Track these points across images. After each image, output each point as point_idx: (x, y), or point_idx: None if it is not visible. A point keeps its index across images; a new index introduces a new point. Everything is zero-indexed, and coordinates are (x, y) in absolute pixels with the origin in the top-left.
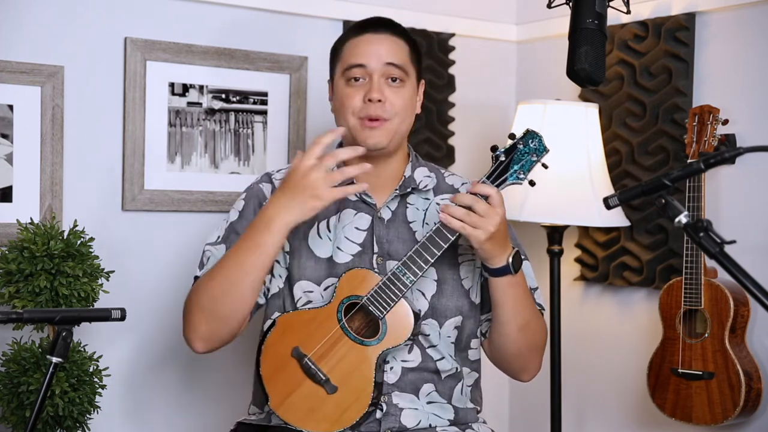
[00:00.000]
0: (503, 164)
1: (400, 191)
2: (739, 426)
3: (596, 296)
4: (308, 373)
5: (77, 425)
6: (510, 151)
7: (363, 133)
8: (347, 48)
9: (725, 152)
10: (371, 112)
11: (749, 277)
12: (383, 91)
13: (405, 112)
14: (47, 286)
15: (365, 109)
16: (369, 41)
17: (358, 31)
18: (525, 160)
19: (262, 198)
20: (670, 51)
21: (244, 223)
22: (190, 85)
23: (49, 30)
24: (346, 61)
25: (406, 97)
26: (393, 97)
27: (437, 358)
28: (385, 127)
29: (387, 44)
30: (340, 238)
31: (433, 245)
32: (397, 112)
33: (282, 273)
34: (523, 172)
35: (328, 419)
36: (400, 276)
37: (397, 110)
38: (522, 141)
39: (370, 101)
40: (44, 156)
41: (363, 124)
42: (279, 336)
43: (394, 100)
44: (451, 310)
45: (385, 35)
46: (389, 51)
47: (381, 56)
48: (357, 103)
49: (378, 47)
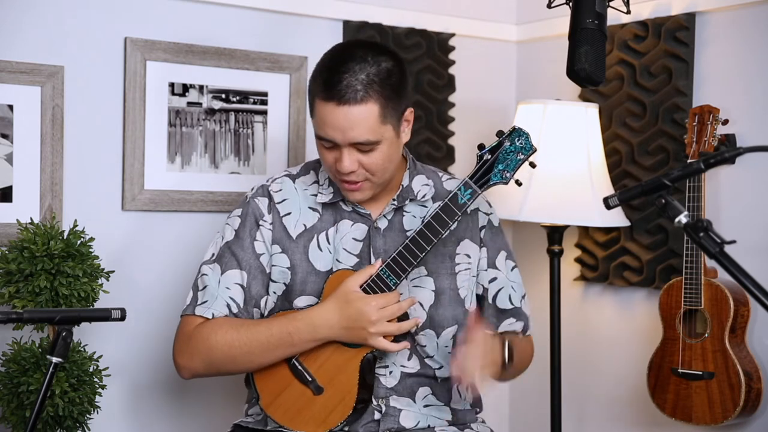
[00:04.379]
0: (487, 163)
1: (398, 203)
2: (739, 426)
3: (596, 296)
4: (295, 374)
5: (77, 425)
6: (495, 150)
7: (344, 191)
8: (316, 109)
9: (725, 152)
10: (345, 178)
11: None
12: (354, 160)
13: (383, 165)
14: (47, 286)
15: (340, 173)
16: (333, 115)
17: (326, 93)
18: (510, 158)
19: (259, 216)
20: (670, 51)
21: (241, 243)
22: (190, 85)
23: (49, 30)
24: (315, 126)
25: (382, 155)
26: (366, 161)
27: (436, 367)
28: (366, 185)
29: (350, 120)
30: (338, 250)
31: (416, 247)
32: (375, 171)
33: (278, 289)
34: (509, 172)
35: (314, 420)
36: (385, 278)
37: (373, 170)
38: (508, 139)
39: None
40: (44, 156)
41: (342, 184)
42: None
43: (367, 164)
44: (448, 320)
45: (347, 108)
46: (353, 128)
47: (345, 134)
48: (331, 163)
49: (343, 121)
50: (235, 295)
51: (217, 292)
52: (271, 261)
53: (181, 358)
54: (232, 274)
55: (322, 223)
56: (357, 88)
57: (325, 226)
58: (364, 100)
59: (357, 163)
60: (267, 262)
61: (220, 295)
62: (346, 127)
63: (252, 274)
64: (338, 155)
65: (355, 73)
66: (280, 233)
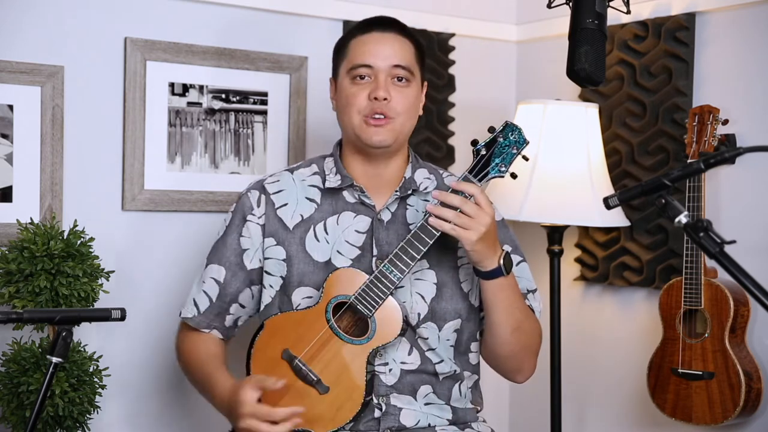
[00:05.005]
0: (484, 158)
1: (401, 193)
2: (739, 426)
3: (596, 296)
4: (299, 375)
5: (77, 425)
6: (490, 145)
7: (368, 131)
8: (353, 46)
9: (725, 152)
10: (377, 110)
11: (749, 277)
12: (389, 90)
13: (409, 111)
14: (47, 286)
15: (370, 107)
16: (376, 40)
17: (365, 29)
18: (506, 153)
19: (248, 209)
20: (670, 51)
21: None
22: (190, 85)
23: (49, 30)
24: (352, 60)
25: (411, 97)
26: (398, 97)
27: (436, 361)
28: (390, 126)
29: (394, 44)
30: (340, 241)
31: (418, 241)
32: (402, 112)
33: (274, 283)
34: (505, 165)
35: (322, 419)
36: (387, 273)
37: (401, 110)
38: (502, 134)
39: (376, 99)
40: (44, 156)
41: (368, 122)
42: (268, 339)
43: (399, 100)
44: (451, 314)
45: (392, 35)
46: (396, 52)
47: (388, 57)
48: (362, 102)
49: (384, 47)
50: (208, 288)
51: (197, 288)
52: (263, 255)
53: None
54: (212, 268)
55: (320, 213)
56: (400, 25)
57: (323, 216)
58: (406, 36)
59: (391, 95)
60: (251, 259)
61: (193, 293)
62: (389, 51)
63: (231, 270)
64: (374, 86)
65: (396, 22)
66: (274, 225)
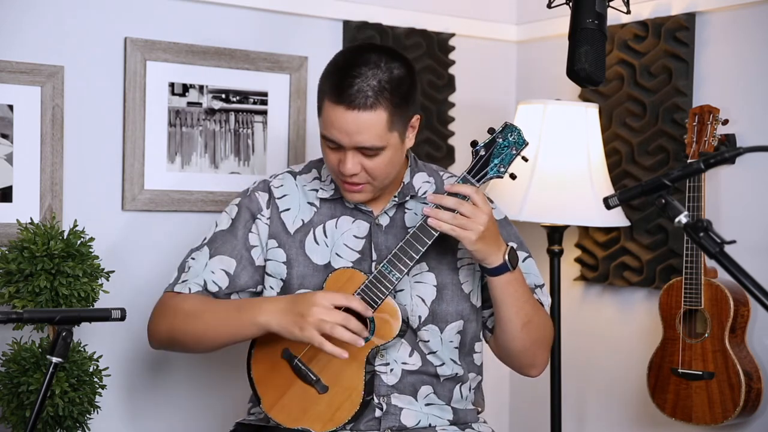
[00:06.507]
0: (483, 159)
1: (399, 199)
2: (739, 426)
3: (596, 296)
4: (299, 374)
5: (77, 425)
6: (490, 145)
7: (345, 192)
8: (324, 110)
9: (725, 152)
10: (347, 180)
11: (749, 277)
12: (357, 163)
13: (386, 170)
14: (47, 286)
15: (343, 174)
16: (342, 118)
17: (336, 95)
18: (505, 153)
19: (257, 210)
20: (670, 51)
21: (235, 233)
22: (190, 85)
23: (49, 30)
24: (322, 125)
25: (386, 160)
26: (369, 165)
27: (437, 364)
28: (368, 187)
29: (358, 123)
30: (339, 245)
31: (417, 242)
32: (377, 176)
33: (275, 284)
34: (504, 166)
35: (320, 418)
36: (386, 273)
37: (376, 174)
38: (501, 135)
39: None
40: (44, 156)
41: (343, 185)
42: (268, 338)
43: (371, 167)
44: (452, 315)
45: (356, 113)
46: (360, 133)
47: (351, 138)
48: (335, 164)
49: (349, 126)
50: (218, 279)
51: (200, 273)
52: (266, 255)
53: (150, 324)
54: (221, 259)
55: (320, 217)
56: (368, 94)
57: (322, 220)
58: (374, 107)
59: (360, 166)
60: (258, 256)
61: (201, 275)
62: (353, 131)
63: (242, 264)
64: (342, 157)
65: (367, 79)
66: (277, 228)
